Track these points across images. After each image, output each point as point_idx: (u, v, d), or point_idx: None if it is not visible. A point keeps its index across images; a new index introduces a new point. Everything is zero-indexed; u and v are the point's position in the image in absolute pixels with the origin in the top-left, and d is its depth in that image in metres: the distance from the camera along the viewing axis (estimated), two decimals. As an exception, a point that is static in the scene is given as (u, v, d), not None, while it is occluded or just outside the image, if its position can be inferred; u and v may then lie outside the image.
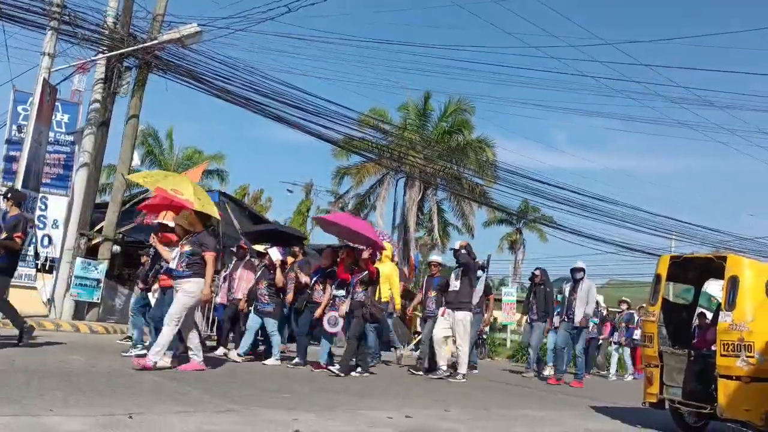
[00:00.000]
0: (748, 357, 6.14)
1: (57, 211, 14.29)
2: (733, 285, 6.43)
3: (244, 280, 10.40)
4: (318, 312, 9.50)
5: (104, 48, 13.56)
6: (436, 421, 5.97)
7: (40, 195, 13.60)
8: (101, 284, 13.88)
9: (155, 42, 13.59)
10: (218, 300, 11.42)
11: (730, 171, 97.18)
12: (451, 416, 6.39)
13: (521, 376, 12.77)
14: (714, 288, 7.20)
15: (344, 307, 9.20)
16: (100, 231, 14.38)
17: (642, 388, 7.25)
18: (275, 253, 9.72)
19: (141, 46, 13.61)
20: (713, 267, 6.90)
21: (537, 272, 12.78)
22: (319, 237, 38.23)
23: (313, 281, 9.79)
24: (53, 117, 13.76)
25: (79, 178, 13.90)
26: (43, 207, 14.07)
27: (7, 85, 14.59)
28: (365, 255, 9.14)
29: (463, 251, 10.05)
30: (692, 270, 7.48)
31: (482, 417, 6.70)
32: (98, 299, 13.94)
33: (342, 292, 9.40)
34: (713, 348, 6.56)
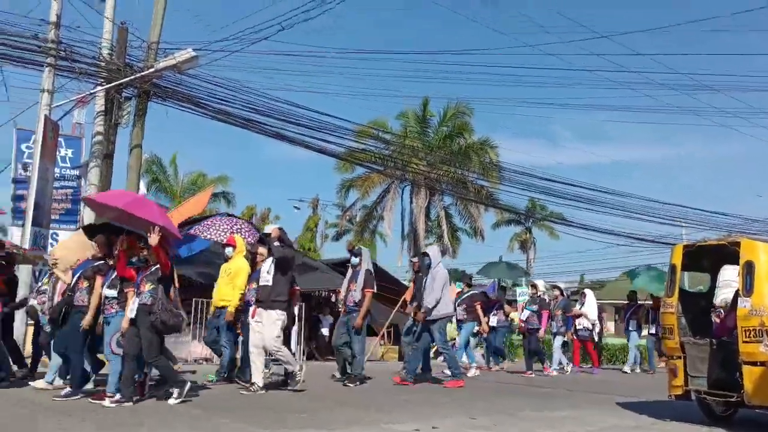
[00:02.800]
0: (770, 342, 6.09)
1: (67, 245, 14.31)
2: (749, 270, 6.40)
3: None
4: (86, 321, 7.16)
5: (102, 80, 13.59)
6: (464, 430, 5.95)
7: (51, 231, 13.63)
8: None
9: (152, 70, 13.61)
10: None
11: (734, 154, 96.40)
12: (478, 423, 6.36)
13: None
14: (731, 273, 7.17)
15: (127, 316, 6.96)
16: (112, 263, 14.39)
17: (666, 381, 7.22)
18: None
19: (138, 75, 13.64)
20: (727, 253, 6.86)
21: (415, 260, 11.36)
22: (330, 250, 38.27)
23: (74, 278, 7.55)
24: (57, 153, 13.81)
25: (88, 212, 13.91)
26: (53, 243, 14.09)
27: (9, 124, 14.64)
28: (153, 240, 6.91)
29: (276, 243, 8.31)
30: (706, 257, 7.44)
31: (508, 422, 6.66)
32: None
33: (113, 292, 7.16)
34: (734, 335, 6.51)
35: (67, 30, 13.27)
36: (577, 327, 14.73)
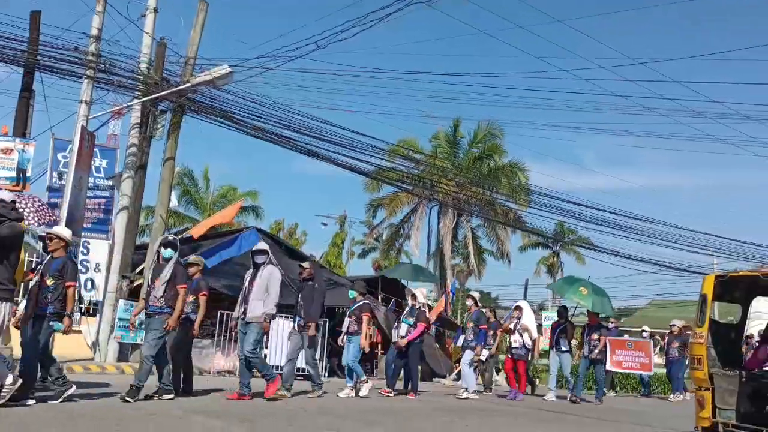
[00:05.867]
0: (803, 376, 5.97)
1: (98, 254, 14.51)
2: (783, 302, 6.30)
3: None
4: None
5: (139, 93, 13.87)
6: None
7: (82, 240, 13.85)
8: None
9: (188, 85, 13.84)
10: None
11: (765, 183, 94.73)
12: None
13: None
14: (764, 305, 7.06)
15: None
16: (141, 272, 14.57)
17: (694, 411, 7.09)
18: None
19: (174, 89, 13.88)
20: (761, 284, 6.76)
21: (306, 265, 10.15)
22: (355, 268, 38.27)
23: None
24: (92, 163, 14.07)
25: (119, 222, 14.15)
26: (85, 251, 14.31)
27: (46, 133, 14.97)
28: None
29: None
30: (739, 288, 7.33)
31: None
32: (142, 340, 14.04)
33: None
34: (765, 368, 6.39)
35: (108, 44, 13.60)
36: (513, 344, 13.17)
